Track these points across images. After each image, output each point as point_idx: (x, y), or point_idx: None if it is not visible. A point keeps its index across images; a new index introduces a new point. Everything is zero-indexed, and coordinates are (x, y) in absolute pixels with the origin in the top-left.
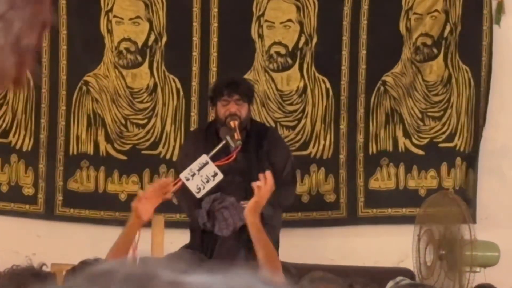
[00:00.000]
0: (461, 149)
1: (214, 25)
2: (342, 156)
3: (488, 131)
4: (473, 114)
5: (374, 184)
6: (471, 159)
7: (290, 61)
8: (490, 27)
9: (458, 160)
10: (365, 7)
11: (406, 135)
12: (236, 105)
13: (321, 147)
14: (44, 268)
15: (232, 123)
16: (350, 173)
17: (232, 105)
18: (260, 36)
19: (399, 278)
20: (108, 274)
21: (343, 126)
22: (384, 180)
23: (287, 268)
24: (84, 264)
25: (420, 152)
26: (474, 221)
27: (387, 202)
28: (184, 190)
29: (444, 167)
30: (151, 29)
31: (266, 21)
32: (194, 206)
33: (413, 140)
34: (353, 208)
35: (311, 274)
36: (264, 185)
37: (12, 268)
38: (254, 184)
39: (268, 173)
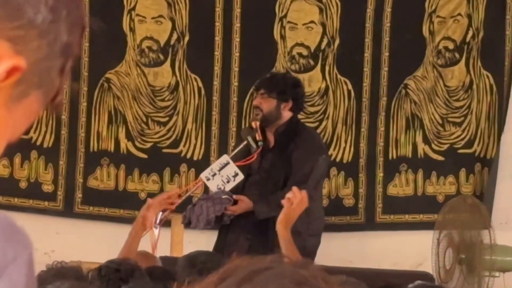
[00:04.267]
0: (481, 155)
1: (237, 25)
2: (362, 160)
3: (508, 135)
4: (495, 120)
5: (392, 190)
6: (492, 164)
7: (312, 62)
8: None
9: (477, 166)
10: (388, 9)
11: (426, 141)
12: (259, 99)
13: (341, 149)
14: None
15: (253, 124)
16: (370, 178)
17: (257, 99)
18: (283, 37)
19: (417, 282)
20: None
21: (364, 129)
22: (402, 186)
23: None
24: (110, 263)
25: (440, 158)
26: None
27: (404, 209)
28: None
29: (462, 173)
30: (173, 28)
31: (288, 22)
32: None
33: (433, 146)
34: (371, 213)
35: (334, 278)
36: (294, 197)
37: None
38: (286, 196)
39: (295, 189)
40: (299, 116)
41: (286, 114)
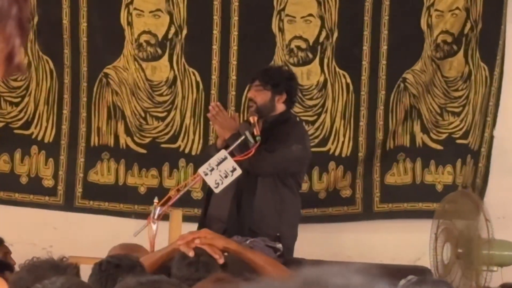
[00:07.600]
0: (472, 147)
1: (235, 18)
2: (361, 154)
3: (503, 130)
4: (487, 113)
5: (390, 179)
6: (480, 157)
7: (310, 55)
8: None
9: (468, 157)
10: (386, 2)
11: (424, 130)
12: (254, 91)
13: (340, 143)
14: (64, 260)
15: (251, 118)
16: (367, 168)
17: (251, 91)
18: (281, 30)
19: (410, 277)
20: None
21: (362, 122)
22: (400, 175)
23: (303, 264)
24: (111, 258)
25: (439, 147)
26: None
27: (403, 197)
28: None
29: (458, 164)
30: (171, 22)
31: (287, 15)
32: None
33: (431, 135)
34: (369, 203)
35: None
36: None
37: (32, 260)
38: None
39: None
40: (298, 110)
41: (280, 107)
